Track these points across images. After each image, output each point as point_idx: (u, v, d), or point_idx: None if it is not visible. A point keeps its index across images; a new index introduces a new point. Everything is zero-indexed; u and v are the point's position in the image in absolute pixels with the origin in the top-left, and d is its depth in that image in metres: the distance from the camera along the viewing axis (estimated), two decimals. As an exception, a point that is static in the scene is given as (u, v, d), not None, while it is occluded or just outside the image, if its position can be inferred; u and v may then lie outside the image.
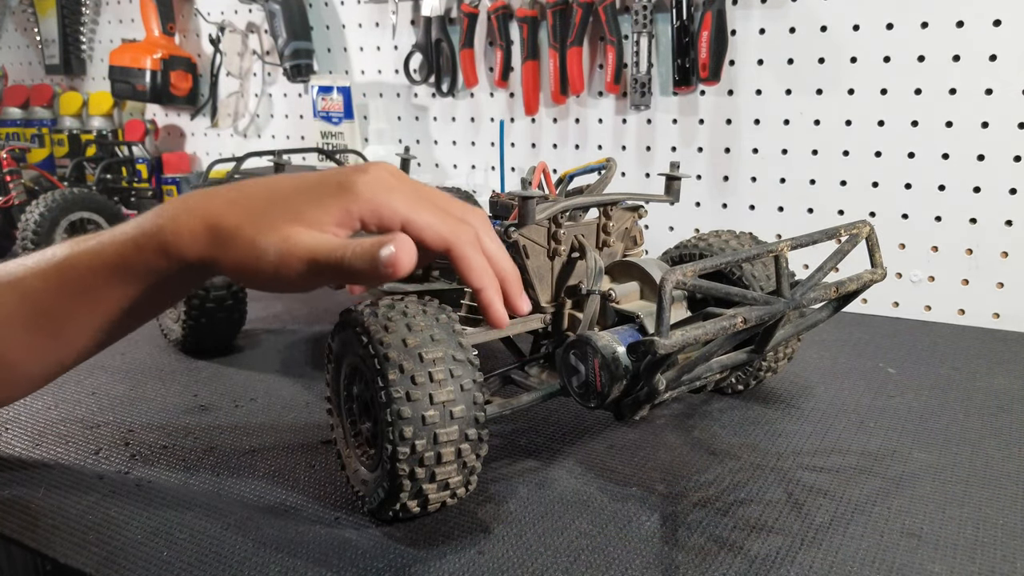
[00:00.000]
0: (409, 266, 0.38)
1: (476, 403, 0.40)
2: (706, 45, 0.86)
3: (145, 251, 0.43)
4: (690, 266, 0.38)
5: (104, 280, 0.45)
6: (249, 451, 0.52)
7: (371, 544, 0.42)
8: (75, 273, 0.45)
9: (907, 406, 0.59)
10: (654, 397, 0.42)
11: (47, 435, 0.55)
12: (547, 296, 0.53)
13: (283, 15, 1.17)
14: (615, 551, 0.41)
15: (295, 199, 0.41)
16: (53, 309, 0.46)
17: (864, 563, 0.40)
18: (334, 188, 0.41)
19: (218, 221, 0.42)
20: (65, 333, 0.47)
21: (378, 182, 0.41)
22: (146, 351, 0.72)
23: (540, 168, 0.55)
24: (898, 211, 0.83)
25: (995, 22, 0.74)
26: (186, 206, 0.43)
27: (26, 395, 0.52)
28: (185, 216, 0.43)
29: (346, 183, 0.41)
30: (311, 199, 0.41)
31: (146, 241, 0.43)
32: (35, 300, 0.46)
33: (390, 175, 0.42)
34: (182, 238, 0.42)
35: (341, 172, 0.42)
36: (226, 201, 0.42)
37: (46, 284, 0.45)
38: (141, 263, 0.44)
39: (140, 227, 0.44)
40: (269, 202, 0.41)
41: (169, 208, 0.44)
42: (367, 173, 0.41)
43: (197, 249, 0.42)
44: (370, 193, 0.40)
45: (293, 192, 0.41)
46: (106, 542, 0.42)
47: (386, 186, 0.41)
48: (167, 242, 0.42)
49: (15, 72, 1.62)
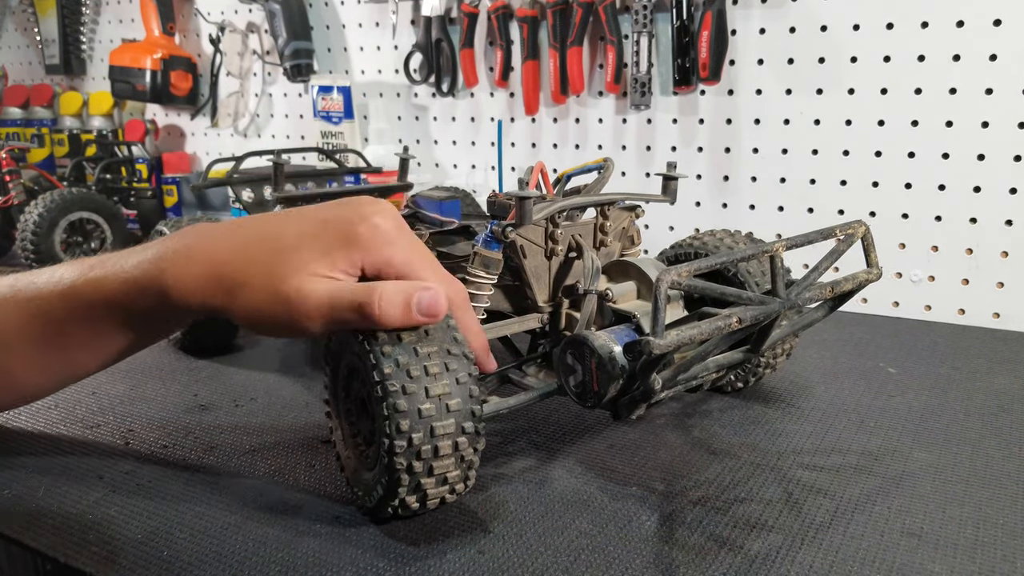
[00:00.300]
0: (444, 314, 0.40)
1: (472, 396, 0.40)
2: (706, 45, 0.86)
3: (147, 295, 0.43)
4: (685, 266, 0.38)
5: (107, 313, 0.45)
6: (249, 451, 0.52)
7: (371, 543, 0.42)
8: (78, 303, 0.45)
9: (907, 406, 0.59)
10: (650, 396, 0.42)
11: (47, 435, 0.55)
12: (544, 296, 0.53)
13: (283, 15, 1.17)
14: (615, 550, 0.41)
15: (301, 249, 0.41)
16: (59, 331, 0.46)
17: (864, 562, 0.40)
18: (340, 239, 0.41)
19: (224, 270, 0.42)
20: (69, 352, 0.48)
21: (381, 234, 0.42)
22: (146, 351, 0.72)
23: (538, 168, 0.55)
24: (898, 211, 0.83)
25: (995, 22, 0.74)
26: (188, 251, 0.43)
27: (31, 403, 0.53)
28: (188, 262, 0.43)
29: (351, 235, 0.41)
30: (318, 249, 0.41)
31: (148, 283, 0.43)
32: (42, 322, 0.46)
33: (392, 224, 0.42)
34: (186, 285, 0.42)
35: (344, 219, 0.42)
36: (231, 248, 0.43)
37: (51, 308, 0.46)
38: (142, 305, 0.44)
39: (142, 268, 0.44)
40: (275, 250, 0.42)
41: (171, 251, 0.43)
42: (368, 221, 0.42)
43: (201, 297, 0.42)
44: (374, 246, 0.41)
45: (298, 240, 0.42)
46: (106, 542, 0.42)
47: (388, 238, 0.42)
48: (169, 288, 0.43)
49: (15, 72, 1.62)
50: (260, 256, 0.42)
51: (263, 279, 0.41)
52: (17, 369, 0.47)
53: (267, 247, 0.42)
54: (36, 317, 0.46)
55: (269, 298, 0.41)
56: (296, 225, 0.43)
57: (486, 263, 0.50)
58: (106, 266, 0.45)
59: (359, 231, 0.41)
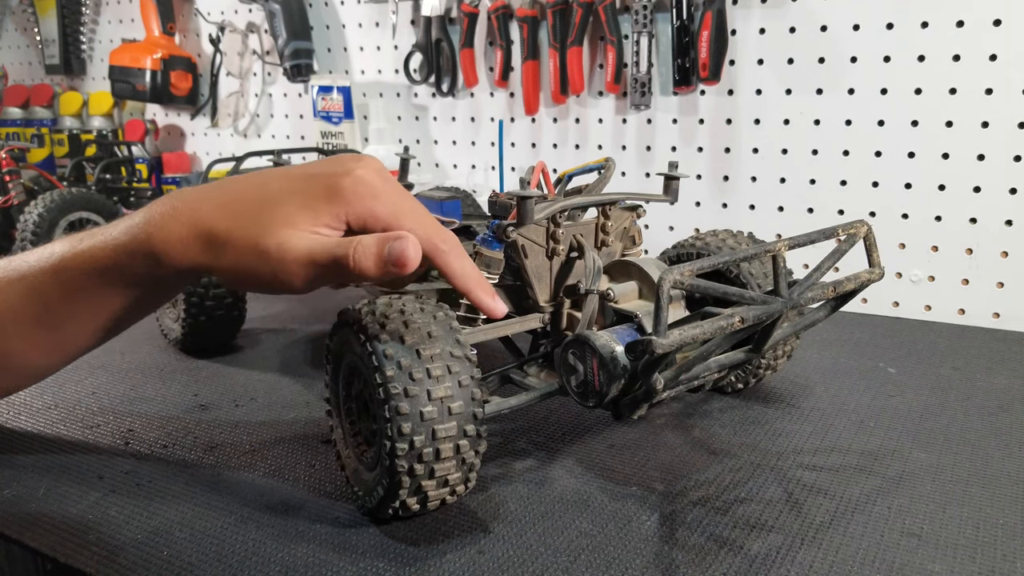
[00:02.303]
0: (416, 263, 0.39)
1: (474, 399, 0.40)
2: (706, 45, 0.86)
3: (136, 258, 0.43)
4: (688, 266, 0.38)
5: (98, 283, 0.45)
6: (249, 450, 0.52)
7: (371, 543, 0.42)
8: (69, 275, 0.45)
9: (907, 406, 0.59)
10: (652, 396, 0.42)
11: (47, 435, 0.55)
12: (546, 296, 0.53)
13: (283, 15, 1.17)
14: (615, 551, 0.41)
15: (285, 202, 0.41)
16: (54, 306, 0.46)
17: (864, 562, 0.40)
18: (323, 192, 0.41)
19: (209, 227, 0.41)
20: (66, 328, 0.47)
21: (365, 186, 0.41)
22: (146, 351, 0.72)
23: (539, 168, 0.55)
24: (898, 211, 0.83)
25: (995, 22, 0.74)
26: (174, 212, 0.43)
27: (29, 386, 0.53)
28: (173, 223, 0.42)
29: (335, 187, 0.41)
30: (302, 204, 0.41)
31: (136, 248, 0.43)
32: (39, 296, 0.46)
33: (377, 176, 0.42)
34: (172, 246, 0.42)
35: (328, 173, 0.42)
36: (215, 205, 0.42)
37: (44, 283, 0.46)
38: (133, 270, 0.44)
39: (130, 233, 0.44)
40: (259, 205, 0.41)
41: (157, 214, 0.43)
42: (352, 175, 0.41)
43: (190, 257, 0.42)
44: (357, 198, 0.41)
45: (282, 194, 0.41)
46: (106, 542, 0.42)
47: (372, 190, 0.41)
48: (157, 250, 0.42)
49: (15, 72, 1.62)
50: (244, 211, 0.41)
51: (246, 234, 0.40)
52: (15, 349, 0.47)
53: (250, 203, 0.41)
54: (30, 294, 0.46)
55: (253, 253, 0.40)
56: (279, 181, 0.42)
57: (487, 263, 0.50)
58: (95, 237, 0.45)
59: (342, 184, 0.41)
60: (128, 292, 0.46)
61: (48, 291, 0.46)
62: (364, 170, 0.42)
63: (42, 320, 0.47)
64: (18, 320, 0.46)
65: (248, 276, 0.41)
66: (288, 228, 0.40)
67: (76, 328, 0.47)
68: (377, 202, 0.41)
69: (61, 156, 1.40)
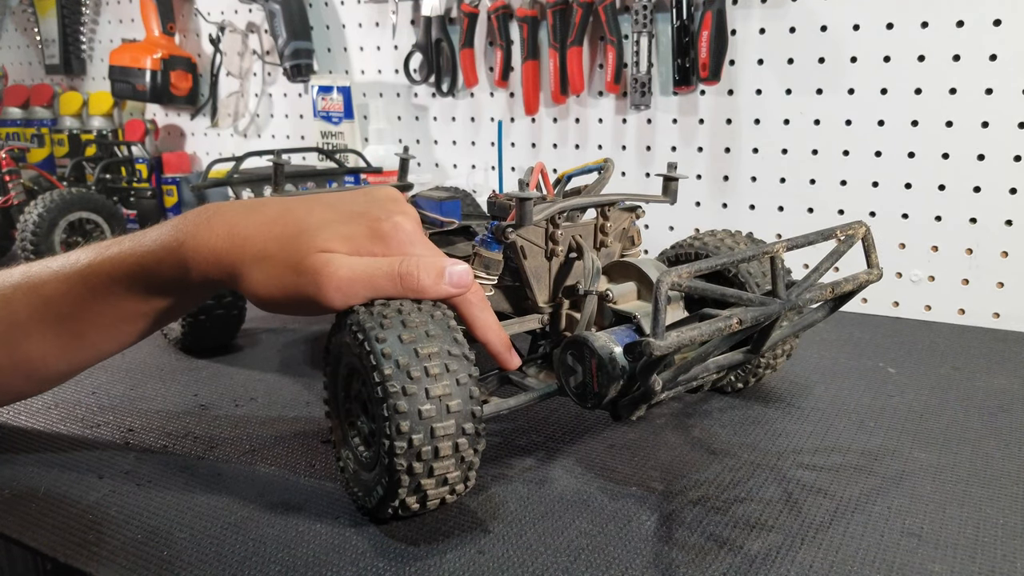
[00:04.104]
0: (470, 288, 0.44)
1: (473, 397, 0.40)
2: (706, 45, 0.86)
3: (165, 265, 0.44)
4: (686, 267, 0.38)
5: (125, 288, 0.46)
6: (249, 450, 0.53)
7: (371, 543, 0.42)
8: (97, 280, 0.46)
9: (907, 406, 0.59)
10: (650, 397, 0.42)
11: (47, 435, 0.55)
12: (544, 296, 0.53)
13: (283, 15, 1.17)
14: (615, 550, 0.41)
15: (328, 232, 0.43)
16: (76, 312, 0.47)
17: (863, 562, 0.40)
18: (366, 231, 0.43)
19: (244, 243, 0.43)
20: (87, 334, 0.48)
21: (404, 233, 0.44)
22: (146, 351, 0.72)
23: (538, 168, 0.55)
24: (898, 211, 0.83)
25: (995, 22, 0.74)
26: (209, 222, 0.44)
27: (48, 390, 0.54)
28: (207, 233, 0.43)
29: (377, 231, 0.43)
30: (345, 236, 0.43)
31: (166, 255, 0.44)
32: (59, 304, 0.47)
33: (415, 226, 0.45)
34: (203, 255, 0.43)
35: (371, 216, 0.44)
36: (256, 223, 0.44)
37: (69, 288, 0.46)
38: (161, 277, 0.45)
39: (160, 240, 0.45)
40: (300, 229, 0.43)
41: (191, 223, 0.44)
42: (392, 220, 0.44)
43: (219, 267, 0.43)
44: (395, 244, 0.44)
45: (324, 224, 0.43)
46: (106, 542, 0.42)
47: (410, 238, 0.44)
48: (187, 257, 0.43)
49: (15, 72, 1.62)
50: (285, 233, 0.43)
51: (287, 255, 0.42)
52: (35, 354, 0.48)
53: (292, 226, 0.43)
54: (51, 300, 0.47)
55: (291, 271, 0.42)
56: (322, 212, 0.44)
57: (486, 264, 0.50)
58: (123, 244, 0.46)
59: (383, 228, 0.43)
60: (153, 299, 0.47)
61: (73, 296, 0.46)
62: (403, 217, 0.44)
63: (65, 325, 0.47)
64: (40, 326, 0.47)
65: (279, 292, 0.42)
66: (329, 253, 0.42)
67: (99, 334, 0.48)
68: (412, 250, 0.44)
69: (61, 156, 1.40)
